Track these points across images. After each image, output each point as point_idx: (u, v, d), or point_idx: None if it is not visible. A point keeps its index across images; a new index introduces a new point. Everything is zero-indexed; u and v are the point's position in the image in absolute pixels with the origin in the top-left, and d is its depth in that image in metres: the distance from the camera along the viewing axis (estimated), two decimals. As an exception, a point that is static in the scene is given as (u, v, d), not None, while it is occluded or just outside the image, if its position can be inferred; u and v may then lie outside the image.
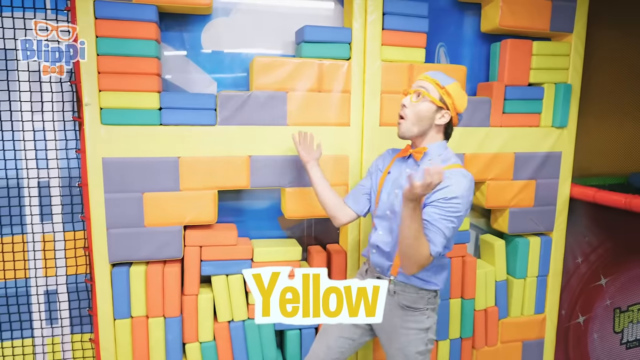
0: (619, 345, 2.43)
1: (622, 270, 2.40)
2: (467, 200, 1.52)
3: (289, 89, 2.04)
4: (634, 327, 2.37)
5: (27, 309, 2.11)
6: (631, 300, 2.36)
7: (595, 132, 2.64)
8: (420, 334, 1.67)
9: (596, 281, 2.54)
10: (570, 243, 2.65)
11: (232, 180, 2.02)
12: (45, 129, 2.02)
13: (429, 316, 1.68)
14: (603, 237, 2.49)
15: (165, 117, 1.92)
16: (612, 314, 2.46)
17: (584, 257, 2.60)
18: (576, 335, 2.65)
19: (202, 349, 2.10)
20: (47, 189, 2.06)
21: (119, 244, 1.93)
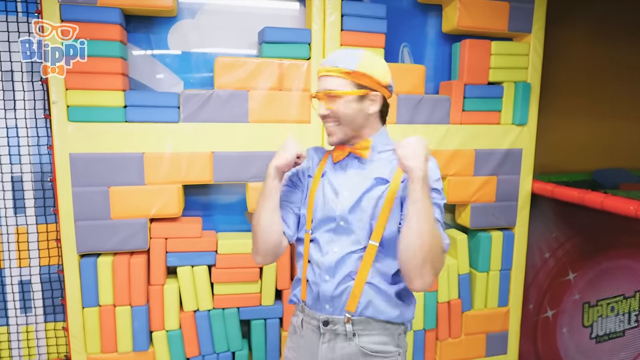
0: (588, 340, 2.47)
1: (590, 265, 2.46)
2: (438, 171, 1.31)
3: (251, 88, 2.12)
4: (604, 322, 2.41)
5: (1, 298, 2.21)
6: (600, 295, 2.41)
7: (557, 130, 2.71)
8: None
9: (564, 276, 2.59)
10: (537, 239, 2.71)
11: (196, 175, 2.11)
12: (17, 126, 2.12)
13: (400, 353, 1.31)
14: (570, 233, 2.55)
15: (130, 114, 2.01)
16: (581, 309, 2.51)
17: (552, 253, 2.66)
18: (545, 329, 2.71)
19: (169, 337, 2.19)
20: (20, 184, 2.16)
21: (87, 235, 2.02)
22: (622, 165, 2.58)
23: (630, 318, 2.26)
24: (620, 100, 2.50)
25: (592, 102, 2.68)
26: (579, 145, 2.83)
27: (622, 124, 2.50)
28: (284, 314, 2.31)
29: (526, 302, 2.79)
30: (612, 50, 2.52)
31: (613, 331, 2.36)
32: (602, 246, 2.38)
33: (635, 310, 2.24)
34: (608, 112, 2.60)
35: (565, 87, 2.68)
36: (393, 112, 2.30)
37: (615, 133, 2.55)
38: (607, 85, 2.55)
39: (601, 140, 2.74)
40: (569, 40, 2.58)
